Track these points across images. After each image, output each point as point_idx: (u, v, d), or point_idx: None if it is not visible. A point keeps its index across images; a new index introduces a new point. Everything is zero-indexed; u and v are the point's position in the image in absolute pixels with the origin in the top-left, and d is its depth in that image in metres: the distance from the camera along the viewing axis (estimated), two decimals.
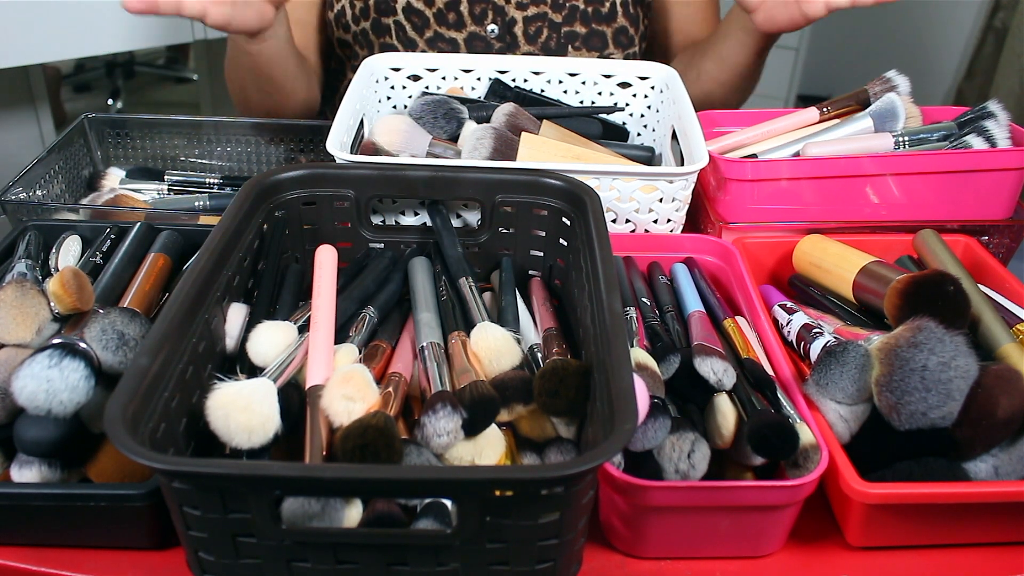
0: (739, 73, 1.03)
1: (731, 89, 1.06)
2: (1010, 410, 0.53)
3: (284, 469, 0.43)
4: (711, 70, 1.04)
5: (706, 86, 1.06)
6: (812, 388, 0.57)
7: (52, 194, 0.85)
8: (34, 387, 0.50)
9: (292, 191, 0.68)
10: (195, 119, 0.95)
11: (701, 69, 1.06)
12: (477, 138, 0.77)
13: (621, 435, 0.42)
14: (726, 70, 1.03)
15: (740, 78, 1.04)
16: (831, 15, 0.87)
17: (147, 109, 2.10)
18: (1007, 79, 2.39)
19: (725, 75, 1.04)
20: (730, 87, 1.05)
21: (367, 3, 1.02)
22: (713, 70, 1.04)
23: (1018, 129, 0.81)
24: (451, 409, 0.52)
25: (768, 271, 0.80)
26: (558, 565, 0.47)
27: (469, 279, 0.66)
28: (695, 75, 1.07)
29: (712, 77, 1.05)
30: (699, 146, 0.75)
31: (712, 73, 1.04)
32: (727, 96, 1.07)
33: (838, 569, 0.56)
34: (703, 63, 1.05)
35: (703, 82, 1.06)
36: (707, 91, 1.06)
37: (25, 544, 0.55)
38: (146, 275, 0.66)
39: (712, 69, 1.04)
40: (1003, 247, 0.83)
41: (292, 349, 0.57)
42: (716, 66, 1.04)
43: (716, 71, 1.04)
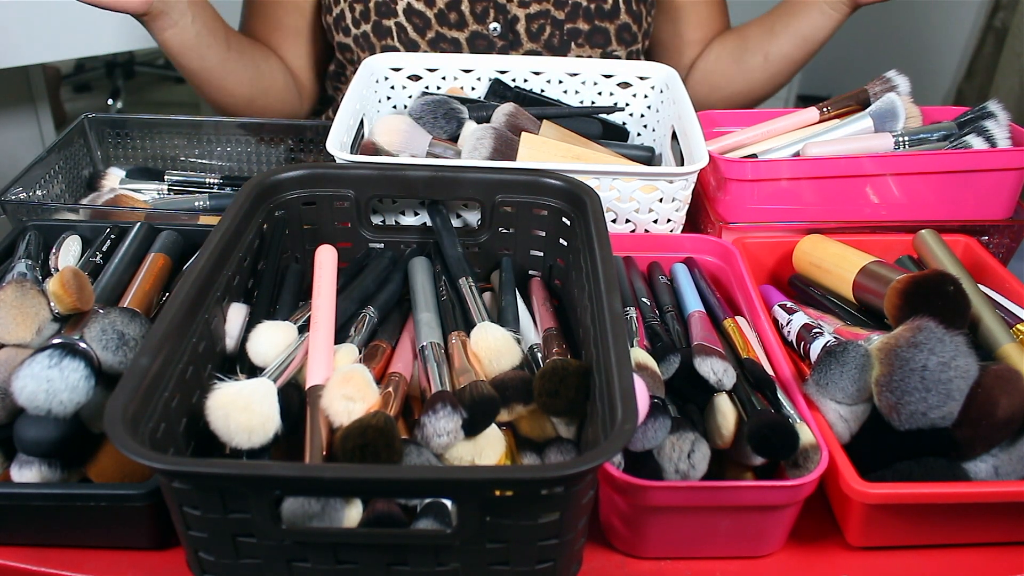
0: (814, 50, 1.04)
1: (799, 66, 1.07)
2: (1010, 410, 0.53)
3: (284, 469, 0.43)
4: (786, 50, 1.05)
5: (775, 67, 1.07)
6: (812, 388, 0.57)
7: (52, 194, 0.85)
8: (34, 387, 0.50)
9: (292, 191, 0.68)
10: (195, 119, 0.95)
11: (769, 52, 1.07)
12: (477, 138, 0.77)
13: (621, 435, 0.42)
14: (803, 48, 1.04)
15: (812, 54, 1.05)
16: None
17: (147, 109, 2.10)
18: (1007, 79, 2.39)
19: (801, 53, 1.05)
20: (800, 64, 1.07)
21: (367, 6, 1.01)
22: (788, 50, 1.05)
23: (1018, 129, 0.81)
24: (451, 409, 0.52)
25: (768, 271, 0.80)
26: (558, 565, 0.47)
27: (469, 279, 0.66)
28: (760, 59, 1.07)
29: (785, 56, 1.06)
30: (699, 146, 0.75)
31: (787, 53, 1.06)
32: (792, 72, 1.08)
33: (838, 569, 0.56)
34: (773, 46, 1.06)
35: (772, 64, 1.07)
36: (775, 71, 1.08)
37: (25, 544, 0.55)
38: (146, 275, 0.66)
39: (787, 49, 1.05)
40: (1003, 247, 0.83)
41: (292, 349, 0.57)
42: (792, 45, 1.05)
43: (792, 50, 1.05)
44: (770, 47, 1.07)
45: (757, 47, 1.08)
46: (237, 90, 1.02)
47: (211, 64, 0.97)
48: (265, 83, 1.06)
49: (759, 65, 1.08)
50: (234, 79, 1.01)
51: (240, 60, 1.01)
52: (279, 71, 1.08)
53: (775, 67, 1.07)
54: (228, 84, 1.01)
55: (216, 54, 0.97)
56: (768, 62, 1.07)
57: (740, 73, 1.10)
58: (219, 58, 0.98)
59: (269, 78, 1.06)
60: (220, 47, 0.97)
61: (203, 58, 0.96)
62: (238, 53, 1.01)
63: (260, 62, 1.05)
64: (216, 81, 1.00)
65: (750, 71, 1.09)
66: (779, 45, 1.06)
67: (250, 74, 1.03)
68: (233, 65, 1.00)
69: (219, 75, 0.99)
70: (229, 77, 1.00)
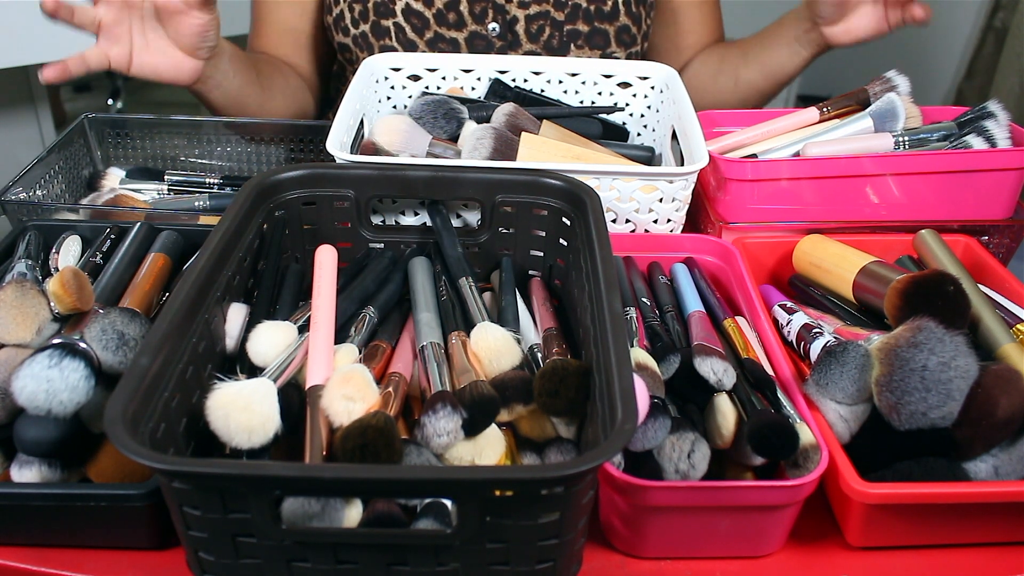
0: (782, 83, 1.05)
1: (768, 97, 1.08)
2: (1010, 410, 0.53)
3: (284, 469, 0.43)
4: (753, 79, 1.06)
5: (743, 93, 1.08)
6: (812, 388, 0.57)
7: (52, 194, 0.85)
8: (34, 387, 0.50)
9: (292, 191, 0.68)
10: (195, 119, 0.95)
11: (739, 77, 1.08)
12: (477, 138, 0.77)
13: (621, 435, 0.42)
14: (770, 80, 1.05)
15: (781, 87, 1.06)
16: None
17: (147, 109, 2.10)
18: (1007, 79, 2.39)
19: (768, 84, 1.06)
20: (768, 95, 1.08)
21: (366, 6, 1.01)
22: (756, 79, 1.06)
23: (1018, 129, 0.81)
24: (451, 409, 0.52)
25: (768, 271, 0.80)
26: (558, 565, 0.47)
27: (469, 279, 0.66)
28: (731, 82, 1.08)
29: (751, 85, 1.07)
30: (699, 146, 0.75)
31: (753, 82, 1.06)
32: (761, 101, 1.09)
33: (838, 569, 0.56)
34: (743, 72, 1.07)
35: (740, 89, 1.08)
36: (743, 98, 1.09)
37: (25, 544, 0.55)
38: (146, 275, 0.66)
39: (754, 78, 1.06)
40: (1003, 247, 0.83)
41: (292, 349, 0.57)
42: (760, 76, 1.06)
43: (759, 80, 1.06)
44: (740, 73, 1.08)
45: (731, 70, 1.09)
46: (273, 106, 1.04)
47: (252, 107, 1.00)
48: (296, 103, 1.08)
49: (729, 88, 1.09)
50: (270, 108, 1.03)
51: (273, 92, 1.03)
52: (300, 86, 1.09)
53: (743, 93, 1.08)
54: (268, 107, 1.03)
55: (255, 98, 0.99)
56: (737, 87, 1.08)
57: (713, 92, 1.11)
58: (257, 99, 1.00)
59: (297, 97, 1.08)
60: (256, 89, 0.99)
61: (244, 105, 0.98)
62: (269, 84, 1.02)
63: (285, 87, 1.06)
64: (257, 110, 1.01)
65: (721, 91, 1.10)
66: (748, 73, 1.07)
67: (283, 100, 1.05)
68: (269, 98, 1.02)
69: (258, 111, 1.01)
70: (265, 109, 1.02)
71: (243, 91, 0.97)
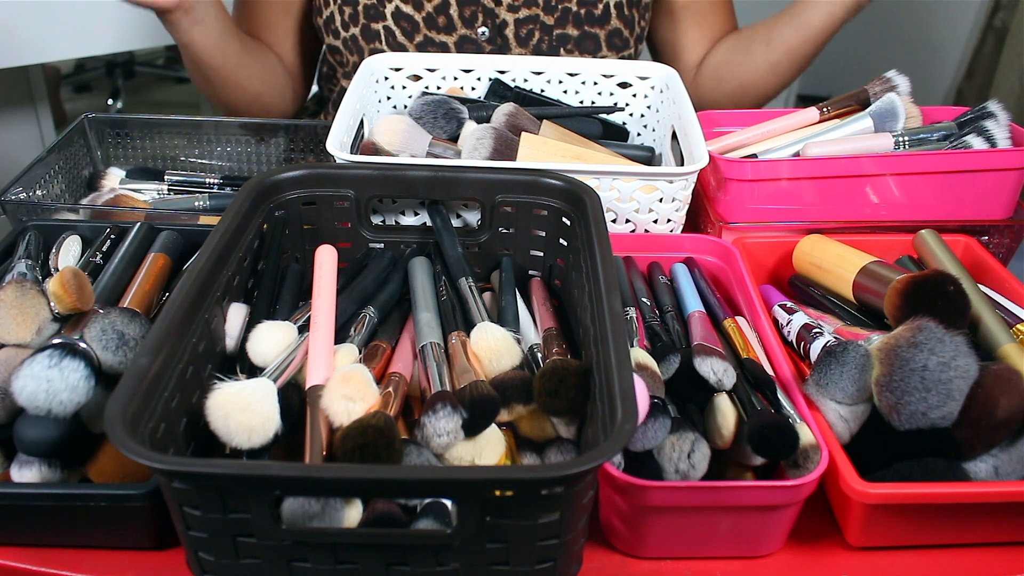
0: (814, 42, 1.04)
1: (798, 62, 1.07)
2: (1010, 410, 0.53)
3: (284, 469, 0.43)
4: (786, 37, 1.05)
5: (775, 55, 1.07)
6: (812, 388, 0.57)
7: (52, 194, 0.85)
8: (34, 387, 0.50)
9: (292, 191, 0.68)
10: (195, 119, 0.95)
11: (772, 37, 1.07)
12: (477, 138, 0.77)
13: (621, 435, 0.42)
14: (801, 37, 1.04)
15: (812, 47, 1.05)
16: None
17: (147, 109, 2.10)
18: (1007, 79, 2.39)
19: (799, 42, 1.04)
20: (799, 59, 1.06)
21: (356, 9, 1.01)
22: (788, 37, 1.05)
23: (1018, 129, 0.81)
24: (451, 409, 0.52)
25: (768, 271, 0.80)
26: (558, 565, 0.47)
27: (469, 279, 0.66)
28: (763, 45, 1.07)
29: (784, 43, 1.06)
30: (699, 146, 0.75)
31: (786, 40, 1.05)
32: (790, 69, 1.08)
33: (838, 569, 0.56)
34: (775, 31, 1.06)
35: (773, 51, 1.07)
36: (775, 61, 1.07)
37: (25, 544, 0.55)
38: (146, 275, 0.66)
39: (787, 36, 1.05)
40: (1003, 247, 0.83)
41: (292, 349, 0.57)
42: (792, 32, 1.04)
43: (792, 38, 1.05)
44: (773, 33, 1.06)
45: (763, 34, 1.07)
46: (250, 86, 1.04)
47: (231, 61, 0.99)
48: (272, 79, 1.07)
49: (761, 52, 1.07)
50: (247, 74, 1.02)
51: (252, 56, 1.03)
52: (279, 67, 1.09)
53: (776, 54, 1.06)
54: (243, 80, 1.02)
55: (235, 50, 0.99)
56: (770, 48, 1.06)
57: (744, 64, 1.09)
58: (236, 54, 1.00)
59: (274, 74, 1.08)
60: (237, 43, 0.99)
61: (224, 55, 0.98)
62: (249, 50, 1.03)
63: (264, 58, 1.07)
64: (233, 78, 1.01)
65: (752, 59, 1.08)
66: (781, 31, 1.05)
67: (260, 70, 1.05)
68: (247, 60, 1.02)
69: (235, 71, 1.01)
70: (243, 72, 1.02)
71: (224, 37, 0.97)
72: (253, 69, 1.03)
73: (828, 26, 1.02)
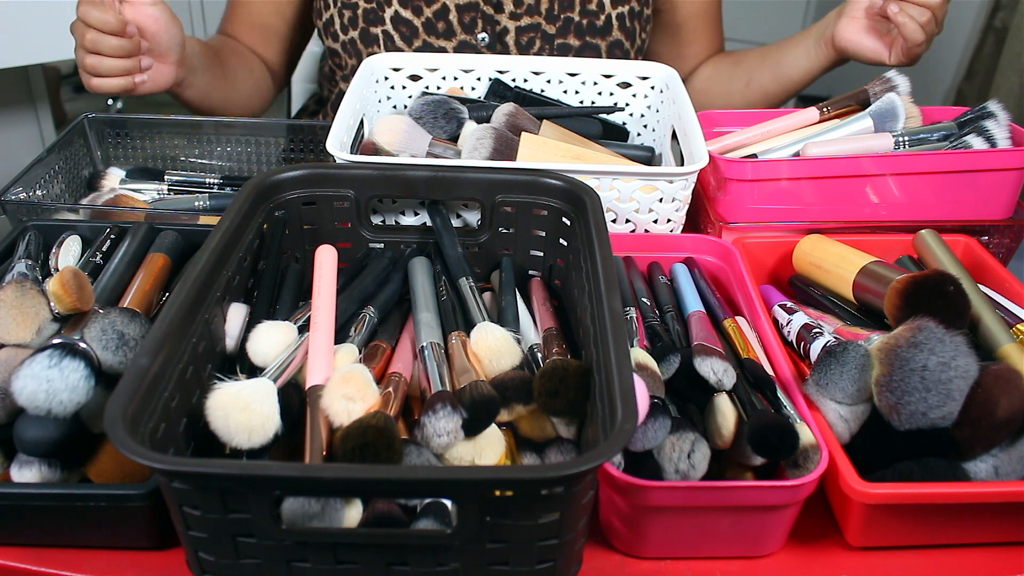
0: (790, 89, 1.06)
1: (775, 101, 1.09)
2: (1010, 410, 0.53)
3: (284, 469, 0.43)
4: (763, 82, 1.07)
5: (752, 96, 1.09)
6: (812, 388, 0.57)
7: (52, 194, 0.85)
8: (34, 387, 0.50)
9: (292, 191, 0.68)
10: (195, 119, 0.96)
11: (752, 78, 1.08)
12: (477, 138, 0.77)
13: (621, 435, 0.42)
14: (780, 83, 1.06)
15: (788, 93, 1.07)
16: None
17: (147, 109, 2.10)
18: (1007, 79, 2.39)
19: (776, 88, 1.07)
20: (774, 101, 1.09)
21: (355, 12, 1.01)
22: (766, 82, 1.07)
23: (1018, 129, 0.81)
24: (451, 409, 0.52)
25: (768, 271, 0.80)
26: (558, 565, 0.47)
27: (469, 279, 0.66)
28: (743, 83, 1.09)
29: (761, 87, 1.08)
30: (699, 146, 0.75)
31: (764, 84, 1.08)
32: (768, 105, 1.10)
33: (838, 569, 0.56)
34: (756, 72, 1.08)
35: (751, 91, 1.09)
36: (750, 102, 1.09)
37: (25, 544, 0.55)
38: (146, 275, 0.66)
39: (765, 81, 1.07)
40: (1003, 247, 0.83)
41: (292, 349, 0.57)
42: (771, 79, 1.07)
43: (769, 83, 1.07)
44: (753, 74, 1.08)
45: (745, 72, 1.09)
46: (236, 96, 1.06)
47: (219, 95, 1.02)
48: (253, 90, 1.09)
49: (739, 91, 1.09)
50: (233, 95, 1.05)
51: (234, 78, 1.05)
52: (260, 69, 1.11)
53: (753, 96, 1.09)
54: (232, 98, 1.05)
55: (220, 86, 1.02)
56: (748, 89, 1.09)
57: (723, 95, 1.11)
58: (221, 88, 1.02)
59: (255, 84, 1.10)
60: (221, 77, 1.02)
61: (210, 95, 1.01)
62: (233, 77, 1.05)
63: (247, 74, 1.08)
64: (217, 102, 1.04)
65: (731, 94, 1.11)
66: (760, 74, 1.07)
67: (243, 87, 1.07)
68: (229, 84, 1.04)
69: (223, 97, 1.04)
70: (231, 94, 1.05)
71: (211, 84, 1.00)
72: (237, 91, 1.06)
73: (804, 78, 1.03)
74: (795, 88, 1.05)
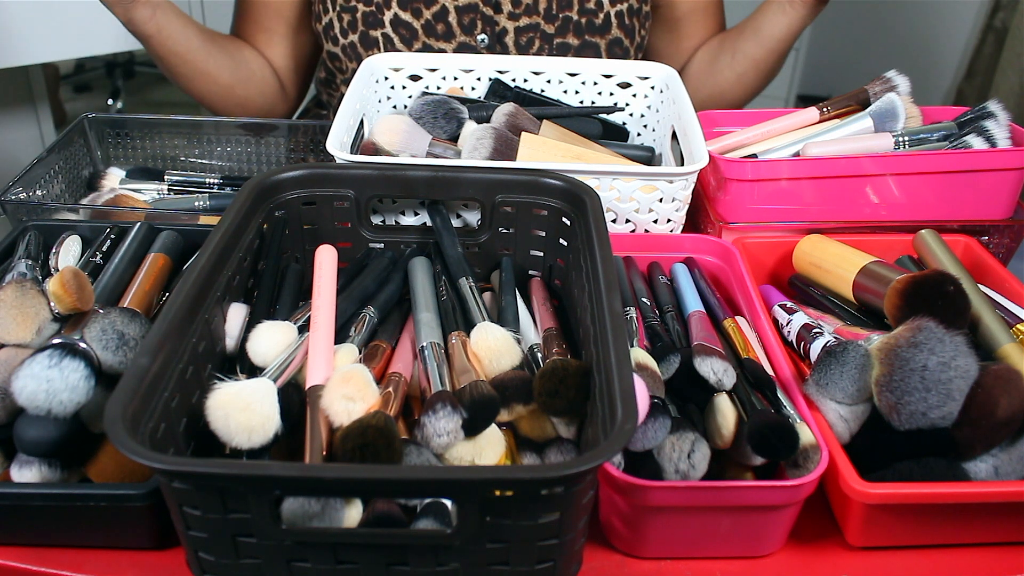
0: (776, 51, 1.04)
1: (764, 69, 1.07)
2: (1010, 410, 0.53)
3: (284, 469, 0.43)
4: (748, 49, 1.05)
5: (740, 67, 1.07)
6: (812, 388, 0.57)
7: (52, 194, 0.85)
8: (34, 387, 0.50)
9: (292, 191, 0.68)
10: (195, 119, 0.96)
11: (736, 50, 1.07)
12: (477, 138, 0.77)
13: (621, 435, 0.42)
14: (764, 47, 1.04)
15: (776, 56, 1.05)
16: (834, 15, 0.88)
17: (147, 109, 2.10)
18: (1007, 79, 2.39)
19: (762, 52, 1.04)
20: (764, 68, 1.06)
21: (355, 16, 1.01)
22: (751, 48, 1.05)
23: (1018, 129, 0.81)
24: (451, 409, 0.52)
25: (768, 271, 0.80)
26: (558, 565, 0.47)
27: (469, 279, 0.66)
28: (729, 57, 1.07)
29: (747, 55, 1.06)
30: (699, 146, 0.75)
31: (749, 52, 1.05)
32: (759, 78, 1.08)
33: (838, 569, 0.56)
34: (739, 43, 1.06)
35: (737, 63, 1.07)
36: (740, 72, 1.07)
37: (25, 544, 0.55)
38: (146, 275, 0.66)
39: (749, 47, 1.05)
40: (1003, 247, 0.83)
41: (292, 349, 0.57)
42: (754, 44, 1.04)
43: (754, 49, 1.05)
44: (737, 45, 1.07)
45: (729, 46, 1.08)
46: (220, 76, 1.04)
47: (195, 45, 0.99)
48: (244, 72, 1.07)
49: (727, 64, 1.08)
50: (216, 64, 1.03)
51: (220, 47, 1.03)
52: (256, 62, 1.09)
53: (740, 66, 1.07)
54: (211, 69, 1.02)
55: (199, 38, 0.99)
56: (734, 60, 1.07)
57: (711, 75, 1.10)
58: (201, 42, 1.00)
59: (247, 68, 1.08)
60: (199, 31, 1.00)
61: (188, 40, 0.98)
62: (216, 42, 1.03)
63: (236, 52, 1.07)
64: (201, 66, 1.01)
65: (719, 71, 1.09)
66: (744, 43, 1.06)
67: (230, 61, 1.05)
68: (215, 50, 1.02)
69: (203, 58, 1.01)
70: (212, 62, 1.02)
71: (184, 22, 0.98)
72: (223, 60, 1.03)
73: (786, 34, 1.02)
74: (780, 48, 1.03)
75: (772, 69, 1.08)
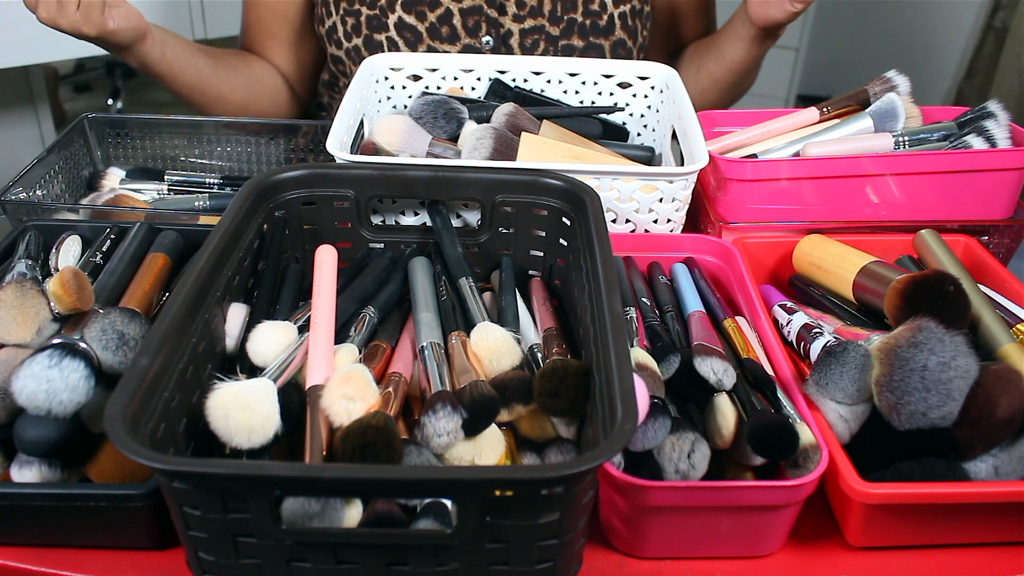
0: (735, 72, 1.04)
1: (724, 87, 1.08)
2: (1010, 410, 0.53)
3: (284, 469, 0.43)
4: (711, 67, 1.06)
5: (704, 83, 1.08)
6: (812, 388, 0.57)
7: (52, 194, 0.85)
8: (34, 387, 0.50)
9: (292, 191, 0.68)
10: (195, 119, 0.96)
11: (701, 66, 1.08)
12: (477, 138, 0.77)
13: (621, 435, 0.42)
14: (723, 66, 1.05)
15: (736, 76, 1.05)
16: (834, 14, 0.87)
17: (147, 109, 2.10)
18: (1007, 79, 2.39)
19: (722, 72, 1.06)
20: (725, 86, 1.07)
21: (358, 19, 1.01)
22: (713, 67, 1.06)
23: (1018, 129, 0.81)
24: (451, 409, 0.52)
25: (768, 271, 0.80)
26: (558, 565, 0.47)
27: (469, 279, 0.66)
28: (695, 70, 1.09)
29: (710, 73, 1.07)
30: (699, 146, 0.75)
31: (712, 70, 1.06)
32: (720, 94, 1.09)
33: (838, 569, 0.56)
34: (705, 60, 1.07)
35: (702, 78, 1.08)
36: (703, 88, 1.08)
37: (25, 544, 0.55)
38: (146, 275, 0.66)
39: (712, 66, 1.06)
40: (1003, 247, 0.83)
41: (292, 349, 0.57)
42: (715, 63, 1.06)
43: (716, 68, 1.06)
44: (702, 61, 1.08)
45: (697, 58, 1.09)
46: (233, 96, 1.05)
47: (207, 74, 1.00)
48: (256, 87, 1.08)
49: (693, 76, 1.09)
50: (228, 86, 1.04)
51: (228, 68, 1.04)
52: (266, 74, 1.10)
53: (704, 82, 1.08)
54: (224, 92, 1.03)
55: (206, 63, 1.00)
56: (699, 75, 1.08)
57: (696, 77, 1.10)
58: (210, 66, 1.01)
59: (259, 83, 1.08)
60: (206, 56, 1.01)
61: (197, 68, 0.99)
62: (225, 62, 1.04)
63: (245, 68, 1.07)
64: (213, 90, 1.02)
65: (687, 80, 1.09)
66: (707, 60, 1.07)
67: (241, 80, 1.06)
68: (224, 72, 1.03)
69: (215, 84, 1.02)
70: (223, 85, 1.03)
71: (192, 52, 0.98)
72: (234, 80, 1.04)
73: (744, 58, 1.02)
74: (739, 70, 1.04)
75: (735, 86, 1.08)
